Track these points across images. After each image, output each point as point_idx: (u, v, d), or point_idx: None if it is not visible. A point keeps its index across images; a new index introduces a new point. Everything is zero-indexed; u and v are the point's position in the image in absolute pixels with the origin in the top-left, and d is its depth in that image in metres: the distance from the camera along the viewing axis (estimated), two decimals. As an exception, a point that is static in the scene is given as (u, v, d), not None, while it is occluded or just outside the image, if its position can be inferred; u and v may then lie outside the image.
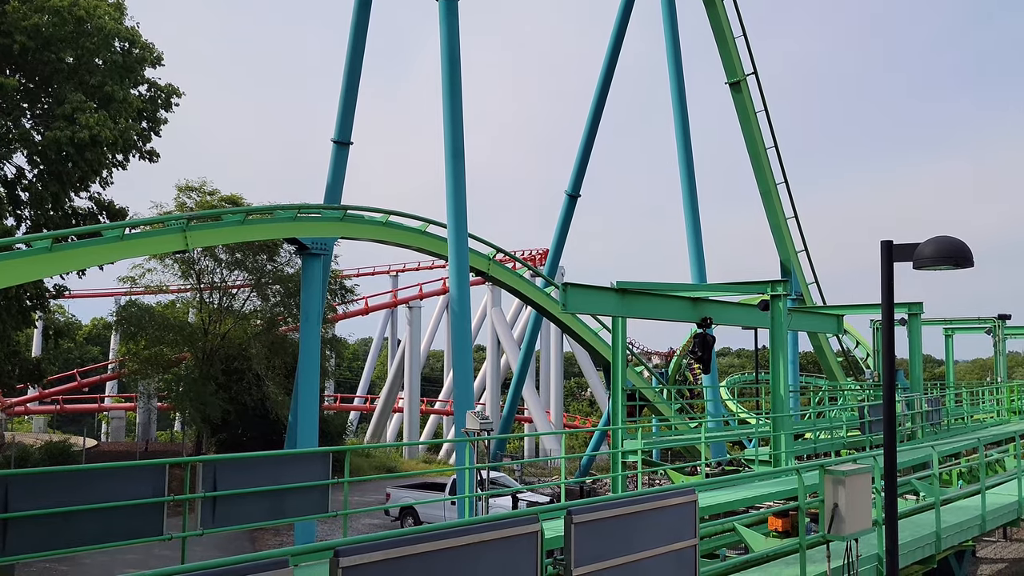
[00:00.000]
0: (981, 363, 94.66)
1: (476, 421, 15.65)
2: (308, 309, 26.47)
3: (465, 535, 5.85)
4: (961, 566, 14.99)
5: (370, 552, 5.21)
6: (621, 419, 18.22)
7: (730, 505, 14.53)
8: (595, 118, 40.03)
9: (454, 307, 25.78)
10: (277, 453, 11.08)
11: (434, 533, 5.71)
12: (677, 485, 10.71)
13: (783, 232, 37.58)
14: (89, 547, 8.75)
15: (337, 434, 45.90)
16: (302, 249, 26.13)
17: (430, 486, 30.22)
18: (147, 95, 29.86)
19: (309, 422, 25.76)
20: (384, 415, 63.98)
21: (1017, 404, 33.57)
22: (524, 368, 43.97)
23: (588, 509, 6.85)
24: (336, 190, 29.49)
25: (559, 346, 62.68)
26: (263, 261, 38.26)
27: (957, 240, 9.04)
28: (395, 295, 65.21)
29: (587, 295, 17.34)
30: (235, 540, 24.85)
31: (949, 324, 36.42)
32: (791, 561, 10.76)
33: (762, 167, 36.77)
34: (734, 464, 22.93)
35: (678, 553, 7.55)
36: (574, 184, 40.35)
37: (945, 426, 26.95)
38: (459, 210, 25.35)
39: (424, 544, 5.56)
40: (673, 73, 37.64)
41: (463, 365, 25.26)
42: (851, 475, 9.87)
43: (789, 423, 19.72)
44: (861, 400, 30.98)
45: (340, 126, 29.61)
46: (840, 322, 25.76)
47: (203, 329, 38.41)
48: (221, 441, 40.27)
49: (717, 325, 20.20)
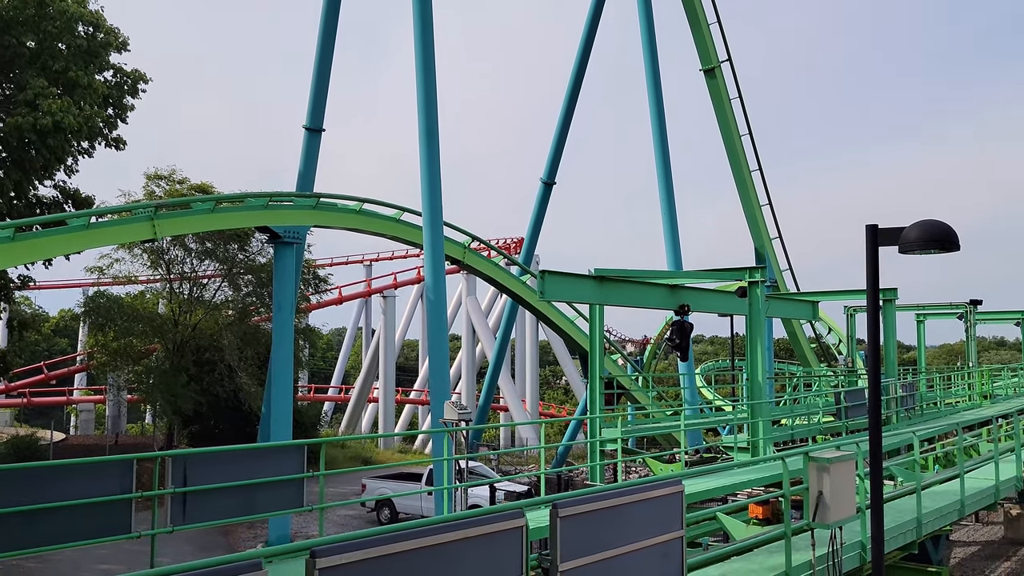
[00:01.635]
0: (949, 348, 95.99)
1: (454, 411, 15.42)
2: (281, 299, 26.10)
3: (448, 532, 5.61)
4: (937, 550, 15.00)
5: (349, 552, 4.95)
6: (599, 408, 18.07)
7: (710, 493, 14.42)
8: (570, 105, 39.80)
9: (430, 295, 25.49)
10: (250, 447, 10.78)
11: (416, 531, 5.46)
12: (663, 475, 10.55)
13: (757, 219, 37.64)
14: (53, 547, 8.41)
15: (311, 425, 45.52)
16: (274, 238, 25.72)
17: (406, 476, 29.98)
18: (113, 81, 29.14)
19: (283, 413, 25.43)
20: (359, 405, 63.59)
21: (988, 388, 33.88)
22: (500, 357, 43.78)
23: (574, 502, 6.63)
24: (308, 178, 29.02)
25: (534, 334, 62.58)
26: (234, 250, 37.71)
27: (943, 224, 8.90)
28: (369, 284, 64.77)
29: (565, 283, 17.14)
30: (208, 535, 24.45)
31: (921, 310, 36.64)
32: (774, 549, 10.64)
33: (736, 154, 36.77)
34: (712, 451, 22.92)
35: (665, 544, 7.37)
36: (549, 172, 40.13)
37: (919, 411, 27.11)
38: (434, 198, 25.03)
39: (405, 542, 5.31)
40: (648, 60, 37.46)
41: (439, 354, 25.00)
42: (835, 462, 9.76)
43: (767, 410, 19.69)
44: (835, 386, 31.15)
45: (312, 112, 29.12)
46: (816, 308, 25.76)
47: (173, 320, 37.82)
48: (193, 433, 39.79)
49: (694, 312, 20.10)
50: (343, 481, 35.19)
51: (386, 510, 29.29)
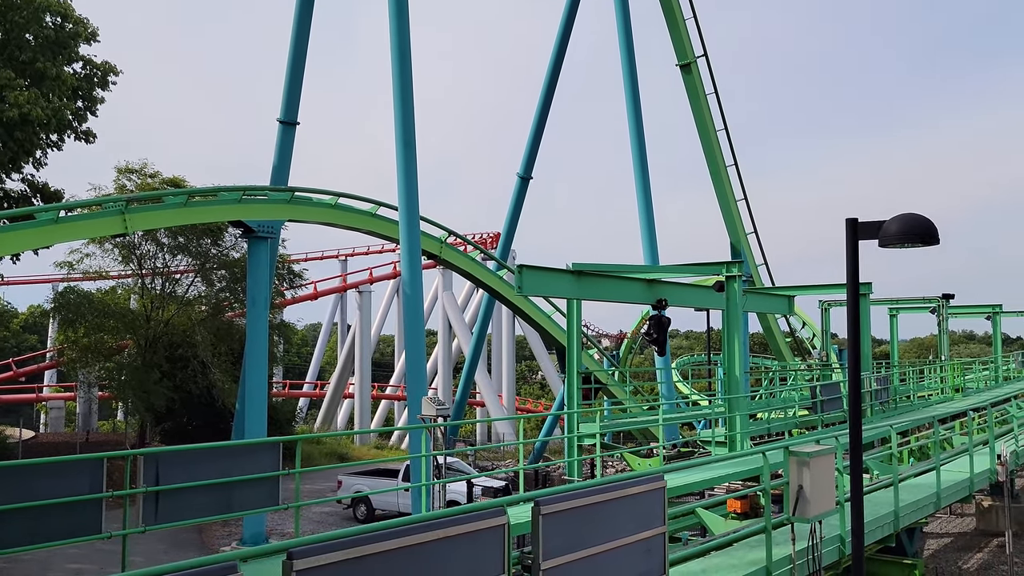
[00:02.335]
0: (919, 342, 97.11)
1: (432, 407, 15.28)
2: (255, 294, 25.83)
3: (428, 531, 5.49)
4: (912, 542, 15.10)
5: (327, 553, 4.81)
6: (576, 403, 18.02)
7: (688, 487, 14.42)
8: (546, 100, 39.75)
9: (406, 290, 25.32)
10: (224, 444, 10.60)
11: (395, 530, 5.33)
12: (645, 471, 10.50)
13: (733, 214, 37.73)
14: (22, 548, 8.19)
15: (286, 421, 45.19)
16: (248, 232, 25.43)
17: (383, 472, 29.79)
18: (82, 73, 28.64)
19: (257, 409, 25.20)
20: (334, 401, 63.22)
21: (960, 382, 34.23)
22: (477, 352, 43.69)
23: (557, 499, 6.53)
24: (283, 171, 28.71)
25: (511, 329, 62.50)
26: (207, 245, 37.26)
27: (922, 217, 8.88)
28: (345, 279, 64.32)
29: (543, 277, 17.06)
30: (182, 533, 24.14)
31: (894, 304, 36.94)
32: (754, 544, 10.63)
33: (712, 149, 36.81)
34: (689, 446, 22.95)
35: (647, 540, 7.30)
36: (526, 166, 40.06)
37: (893, 405, 27.32)
38: (410, 192, 24.85)
39: (385, 542, 5.18)
40: (624, 55, 37.45)
41: (415, 350, 24.85)
42: (815, 456, 9.75)
43: (745, 404, 19.74)
44: (809, 380, 31.34)
45: (286, 106, 28.80)
46: (792, 303, 25.94)
47: (145, 316, 37.31)
48: (166, 430, 39.36)
49: (670, 306, 20.10)
50: (319, 478, 34.94)
51: (362, 507, 29.10)
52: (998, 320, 40.52)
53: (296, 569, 4.73)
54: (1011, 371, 41.27)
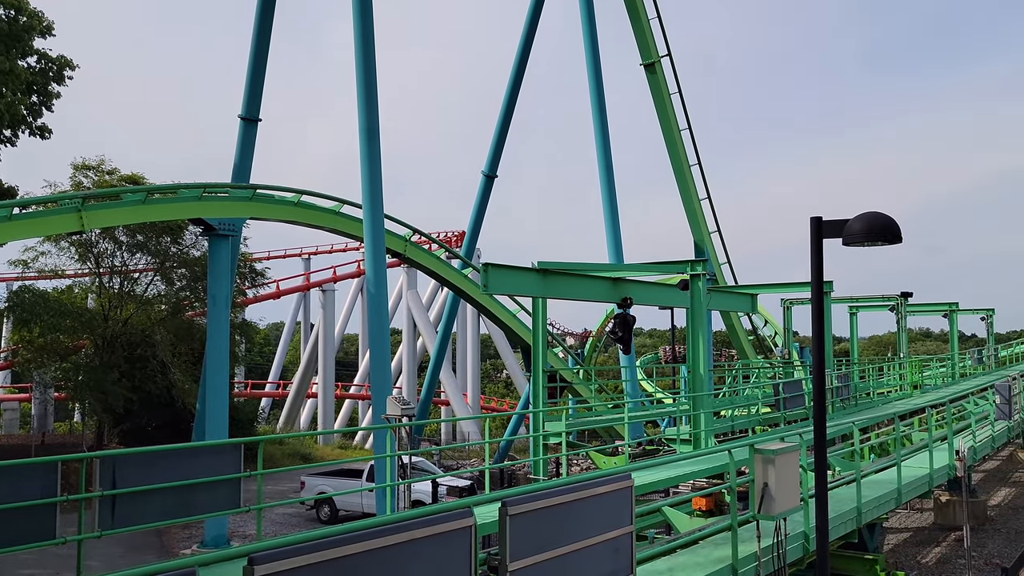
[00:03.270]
0: (877, 339, 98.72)
1: (397, 406, 15.13)
2: (216, 293, 25.47)
3: (394, 533, 5.38)
4: (873, 537, 15.27)
5: (289, 557, 4.69)
6: (542, 401, 17.96)
7: (654, 485, 14.42)
8: (511, 98, 39.69)
9: (370, 289, 25.11)
10: (184, 446, 10.37)
11: (360, 533, 5.22)
12: (612, 469, 10.48)
13: (697, 213, 37.97)
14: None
15: (248, 421, 44.64)
16: (209, 230, 25.07)
17: (346, 473, 29.53)
18: (37, 67, 28.01)
19: (218, 409, 24.85)
20: (297, 401, 62.60)
21: (918, 378, 34.78)
22: (441, 351, 43.52)
23: (524, 499, 6.45)
24: (244, 168, 28.34)
25: (475, 328, 62.39)
26: (167, 243, 36.65)
27: (886, 216, 8.93)
28: (308, 278, 63.75)
29: (508, 276, 16.99)
30: (141, 536, 23.68)
31: (854, 302, 37.43)
32: (719, 541, 10.64)
33: (676, 149, 37.03)
34: (654, 444, 23.01)
35: (615, 540, 7.25)
36: (491, 164, 39.98)
37: (853, 401, 27.67)
38: (375, 190, 24.65)
39: (349, 546, 5.06)
40: (589, 54, 37.50)
41: (380, 349, 24.65)
42: (780, 454, 9.78)
43: (709, 402, 19.83)
44: (772, 377, 31.63)
45: (248, 102, 28.43)
46: (755, 301, 26.11)
47: (103, 315, 36.60)
48: (124, 432, 38.66)
49: (636, 305, 20.14)
50: (282, 479, 34.57)
51: (326, 508, 28.83)
52: (955, 318, 41.26)
53: (258, 575, 4.60)
54: (967, 368, 42.04)
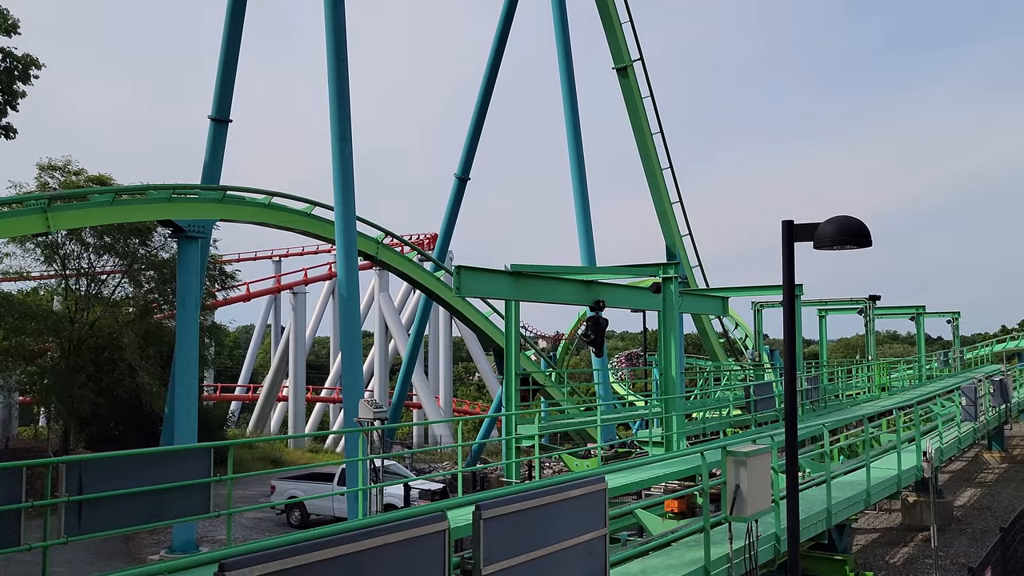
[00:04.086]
0: (846, 342, 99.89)
1: (369, 409, 15.03)
2: (185, 295, 25.18)
3: (367, 538, 5.33)
4: (842, 538, 15.42)
5: (260, 564, 4.62)
6: (515, 404, 17.94)
7: (627, 488, 14.47)
8: (484, 101, 39.66)
9: (342, 292, 24.94)
10: (152, 450, 10.21)
11: (333, 538, 5.16)
12: (585, 472, 10.48)
13: (668, 216, 38.14)
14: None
15: (217, 425, 44.17)
16: (178, 232, 24.78)
17: (317, 476, 29.30)
18: (1, 66, 27.51)
19: (187, 414, 24.55)
20: (268, 404, 62.10)
21: (886, 381, 35.21)
22: (414, 354, 43.35)
23: (498, 503, 6.42)
24: (214, 170, 28.03)
25: (448, 330, 62.27)
26: (135, 245, 36.16)
27: (856, 220, 9.01)
28: (279, 280, 63.30)
29: (481, 279, 16.97)
30: (108, 541, 23.31)
31: (823, 305, 37.85)
32: (692, 543, 10.69)
33: (648, 152, 37.16)
34: (626, 446, 23.09)
35: (589, 542, 7.24)
36: (463, 167, 39.91)
37: (823, 403, 27.94)
38: (347, 192, 24.50)
39: (321, 551, 5.01)
40: (562, 57, 37.55)
41: (352, 351, 24.49)
42: (752, 456, 9.84)
43: (681, 404, 19.93)
44: (742, 380, 31.88)
45: (218, 102, 28.13)
46: (726, 304, 26.27)
47: (69, 317, 36.05)
48: (91, 436, 38.12)
49: (608, 307, 20.20)
50: (252, 483, 34.24)
51: (296, 512, 28.59)
52: (922, 321, 41.83)
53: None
54: (934, 370, 42.63)
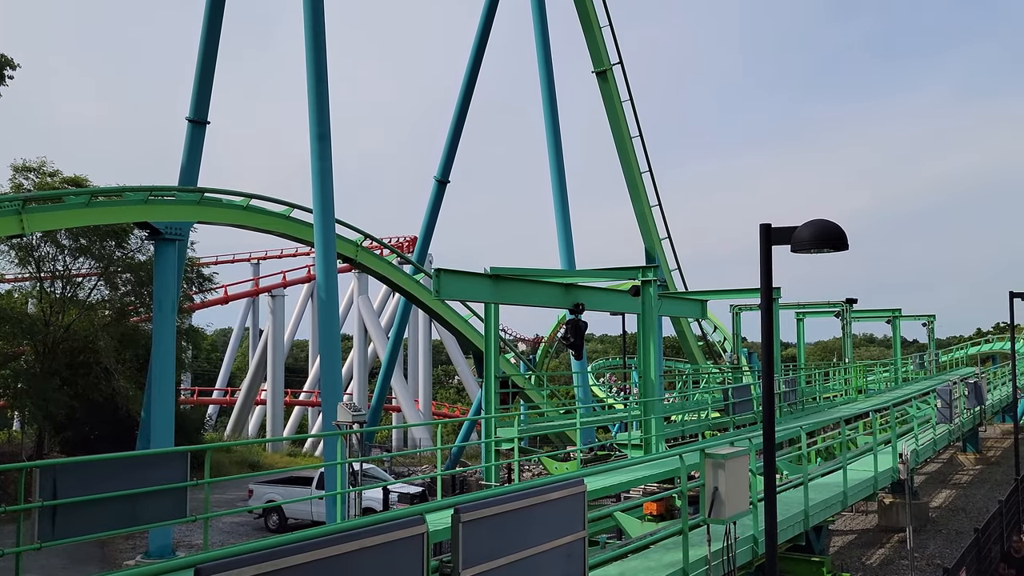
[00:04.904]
0: (823, 345, 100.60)
1: (348, 413, 14.97)
2: (162, 298, 24.96)
3: (345, 542, 5.30)
4: (819, 539, 15.53)
5: (237, 568, 4.59)
6: (494, 407, 17.93)
7: (606, 491, 14.50)
8: (464, 103, 39.66)
9: (321, 295, 24.84)
10: (128, 454, 10.10)
11: (311, 542, 5.13)
12: (564, 475, 10.47)
13: (647, 220, 38.30)
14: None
15: (195, 429, 43.79)
16: (155, 234, 24.58)
17: (295, 480, 29.15)
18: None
19: (164, 418, 24.33)
20: (245, 408, 61.69)
21: (863, 383, 35.51)
22: (393, 357, 43.23)
23: (477, 506, 6.42)
24: (192, 172, 27.85)
25: (427, 333, 62.14)
26: (111, 247, 35.81)
27: (833, 224, 9.10)
28: (257, 283, 62.93)
29: (460, 281, 16.95)
30: (82, 547, 23.08)
31: (801, 308, 38.14)
32: (670, 546, 10.72)
33: (628, 156, 37.31)
34: (605, 449, 23.13)
35: (568, 545, 7.25)
36: (443, 170, 39.89)
37: (800, 406, 28.14)
38: (325, 194, 24.41)
39: (299, 555, 4.98)
40: (542, 60, 37.66)
41: (331, 355, 24.39)
42: (731, 458, 9.89)
43: (660, 407, 19.99)
44: (721, 382, 32.04)
45: (196, 104, 27.96)
46: (704, 307, 26.38)
47: (44, 320, 35.63)
48: (66, 440, 37.69)
49: (588, 311, 20.24)
50: (229, 487, 34.00)
51: (274, 516, 28.41)
52: (898, 324, 42.23)
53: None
54: (909, 373, 43.05)
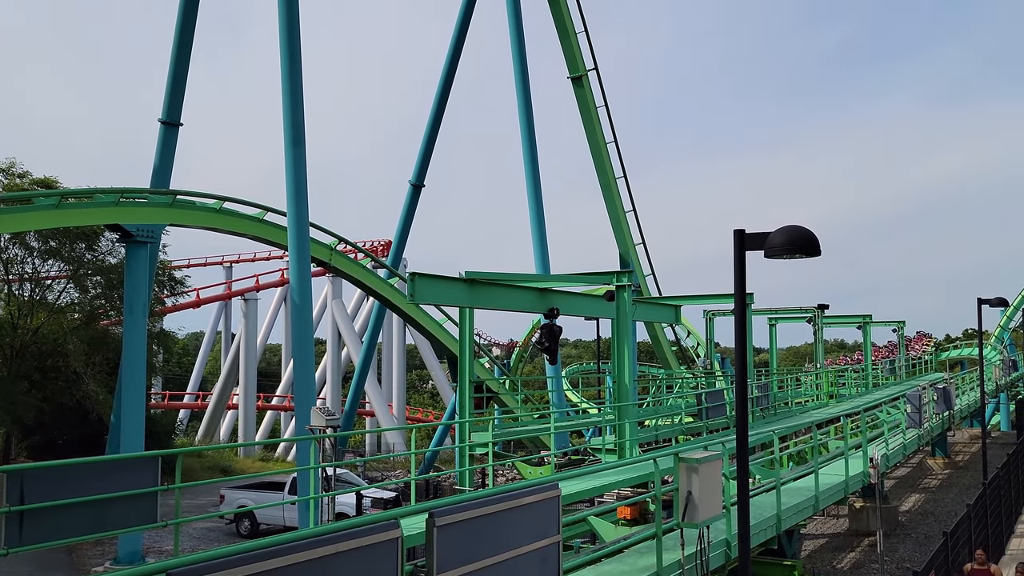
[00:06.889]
0: (795, 350, 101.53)
1: (321, 417, 14.89)
2: (133, 301, 24.71)
3: (318, 547, 5.27)
4: (791, 543, 15.65)
5: (209, 573, 4.55)
6: (469, 412, 17.92)
7: (580, 495, 14.53)
8: (439, 107, 39.66)
9: (294, 298, 24.70)
10: (97, 459, 9.98)
11: (284, 547, 5.09)
12: (539, 479, 10.48)
13: (622, 225, 38.49)
14: None
15: (165, 434, 43.35)
16: (126, 236, 24.33)
17: (267, 485, 28.93)
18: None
19: (134, 422, 24.07)
20: (217, 412, 61.13)
21: (834, 388, 35.86)
22: (367, 361, 43.08)
23: (451, 510, 6.41)
24: (164, 174, 27.59)
25: (401, 338, 61.98)
26: (81, 250, 35.39)
27: (805, 229, 9.16)
28: (229, 286, 62.40)
29: (435, 285, 16.94)
30: (50, 552, 22.71)
31: (774, 314, 38.45)
32: (644, 550, 10.76)
33: (603, 161, 37.50)
34: (580, 454, 23.17)
35: (543, 550, 7.26)
36: (418, 174, 39.83)
37: (772, 410, 28.37)
38: (300, 198, 24.29)
39: (272, 560, 4.94)
40: (517, 66, 37.75)
41: (304, 359, 24.25)
42: (704, 463, 9.94)
43: (634, 411, 20.05)
44: (694, 387, 32.22)
45: (168, 105, 27.72)
46: (678, 312, 26.56)
47: (12, 323, 35.13)
48: (34, 445, 37.14)
49: (563, 315, 20.28)
50: (201, 492, 33.62)
51: (246, 522, 28.15)
52: (868, 330, 42.71)
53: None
54: (880, 378, 43.53)
